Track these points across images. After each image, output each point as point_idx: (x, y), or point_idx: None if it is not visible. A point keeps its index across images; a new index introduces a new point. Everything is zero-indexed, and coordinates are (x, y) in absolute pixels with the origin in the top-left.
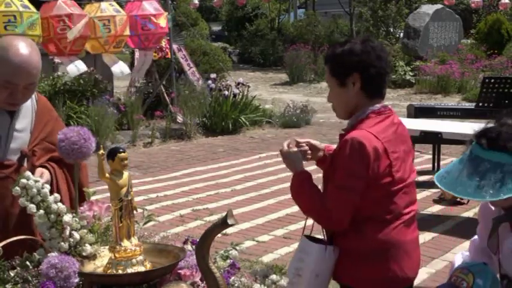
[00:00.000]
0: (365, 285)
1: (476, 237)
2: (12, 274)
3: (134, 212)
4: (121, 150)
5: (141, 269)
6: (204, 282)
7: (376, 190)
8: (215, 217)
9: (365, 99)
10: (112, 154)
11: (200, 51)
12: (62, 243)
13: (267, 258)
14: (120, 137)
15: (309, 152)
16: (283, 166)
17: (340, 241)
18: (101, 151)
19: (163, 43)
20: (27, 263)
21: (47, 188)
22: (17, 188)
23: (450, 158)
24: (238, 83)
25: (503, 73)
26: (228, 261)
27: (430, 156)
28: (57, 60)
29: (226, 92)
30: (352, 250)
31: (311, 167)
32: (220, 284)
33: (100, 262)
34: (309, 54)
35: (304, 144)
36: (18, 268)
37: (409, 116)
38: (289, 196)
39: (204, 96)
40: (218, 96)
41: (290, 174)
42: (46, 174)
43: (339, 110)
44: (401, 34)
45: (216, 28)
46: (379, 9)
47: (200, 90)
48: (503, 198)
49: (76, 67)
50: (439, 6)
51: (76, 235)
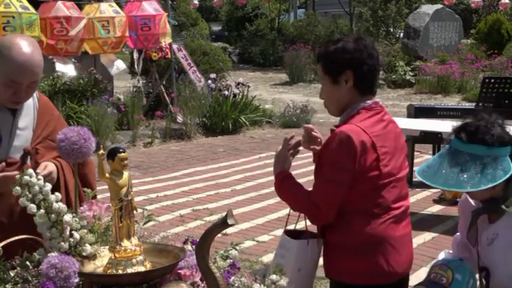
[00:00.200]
0: (351, 279)
1: (458, 234)
2: (12, 274)
3: (134, 212)
4: (121, 150)
5: (141, 269)
6: (204, 282)
7: (363, 183)
8: (215, 217)
9: (357, 96)
10: (112, 154)
11: (200, 51)
12: (62, 243)
13: (267, 258)
14: (120, 137)
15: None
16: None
17: (327, 235)
18: (101, 151)
19: (163, 43)
20: (27, 263)
21: (49, 187)
22: (17, 188)
23: None
24: (238, 83)
25: (503, 73)
26: (228, 261)
27: (430, 156)
28: (55, 60)
29: (226, 92)
30: (338, 244)
31: (306, 169)
32: (220, 284)
33: (100, 262)
34: (309, 54)
35: (316, 132)
36: (18, 268)
37: (409, 116)
38: None
39: (204, 96)
40: (218, 96)
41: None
42: (50, 166)
43: (331, 107)
44: (401, 34)
45: (216, 28)
46: (379, 9)
47: (200, 90)
48: (483, 188)
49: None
50: (439, 6)
51: (76, 235)
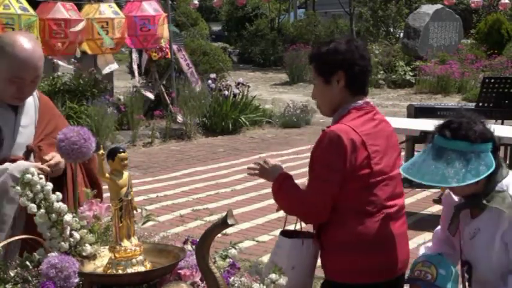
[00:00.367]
0: (344, 277)
1: (439, 227)
2: (12, 274)
3: (134, 212)
4: (121, 150)
5: (141, 269)
6: (204, 282)
7: (355, 181)
8: (215, 217)
9: (348, 96)
10: (112, 154)
11: (200, 51)
12: (62, 243)
13: (267, 258)
14: (120, 137)
15: None
16: (286, 165)
17: (322, 234)
18: (101, 151)
19: (163, 43)
20: (27, 263)
21: (50, 186)
22: (18, 188)
23: None
24: (238, 83)
25: (503, 73)
26: (228, 261)
27: None
28: (56, 60)
29: (226, 92)
30: (332, 242)
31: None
32: (220, 284)
33: (100, 262)
34: (309, 54)
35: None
36: (18, 268)
37: (409, 116)
38: None
39: (204, 96)
40: (218, 96)
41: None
42: (58, 156)
43: (324, 108)
44: (401, 34)
45: (216, 28)
46: (379, 9)
47: (200, 90)
48: (468, 183)
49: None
50: (439, 6)
51: (76, 235)
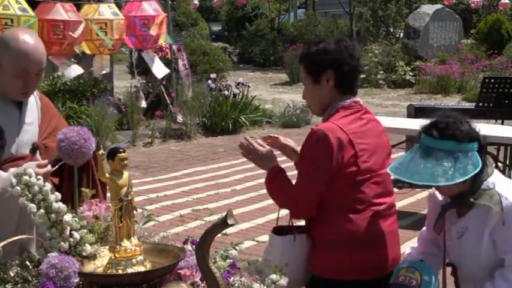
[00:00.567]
0: (332, 274)
1: (424, 228)
2: (12, 274)
3: (134, 212)
4: (121, 150)
5: (141, 269)
6: (204, 282)
7: (341, 179)
8: (215, 217)
9: (338, 95)
10: (112, 154)
11: (200, 51)
12: (62, 243)
13: None
14: (120, 137)
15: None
16: (284, 166)
17: (312, 231)
18: (101, 151)
19: (163, 43)
20: (27, 263)
21: (48, 186)
22: (17, 188)
23: None
24: (238, 83)
25: (503, 73)
26: (228, 261)
27: None
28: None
29: (226, 92)
30: (321, 239)
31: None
32: (220, 284)
33: (100, 262)
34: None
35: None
36: (18, 268)
37: (409, 116)
38: None
39: (204, 96)
40: (218, 96)
41: (291, 174)
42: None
43: (313, 107)
44: (401, 34)
45: (216, 28)
46: (379, 9)
47: (200, 90)
48: (457, 181)
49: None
50: (439, 6)
51: (76, 235)
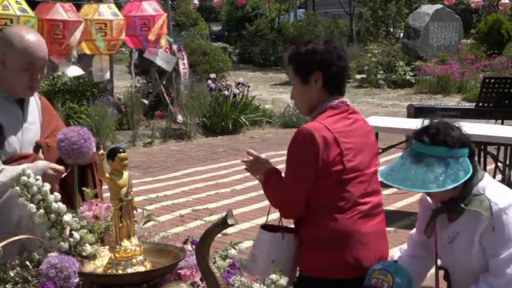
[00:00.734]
0: (318, 272)
1: (414, 231)
2: (12, 274)
3: (134, 212)
4: (121, 150)
5: (141, 269)
6: (204, 282)
7: (327, 178)
8: (215, 217)
9: (326, 96)
10: (112, 154)
11: (200, 51)
12: (62, 243)
13: None
14: (120, 137)
15: None
16: (283, 166)
17: (300, 230)
18: (101, 151)
19: (163, 43)
20: (27, 263)
21: (47, 187)
22: (17, 188)
23: None
24: (238, 83)
25: (503, 73)
26: (228, 261)
27: None
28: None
29: (226, 92)
30: (307, 238)
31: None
32: (220, 284)
33: (100, 262)
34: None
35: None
36: (18, 268)
37: (409, 116)
38: None
39: (204, 96)
40: (218, 96)
41: None
42: None
43: (302, 107)
44: (401, 34)
45: (216, 28)
46: (379, 9)
47: (200, 90)
48: (448, 188)
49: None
50: (439, 6)
51: (76, 235)
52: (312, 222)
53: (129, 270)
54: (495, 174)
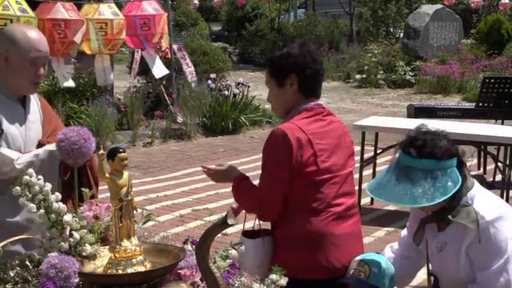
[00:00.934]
0: (291, 273)
1: (405, 231)
2: (12, 274)
3: (134, 212)
4: (121, 150)
5: (141, 269)
6: (204, 282)
7: (301, 179)
8: (215, 217)
9: (301, 98)
10: (112, 154)
11: (200, 51)
12: (62, 243)
13: None
14: (120, 137)
15: None
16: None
17: (274, 231)
18: (101, 151)
19: (163, 43)
20: (27, 263)
21: (49, 187)
22: (17, 188)
23: None
24: (238, 83)
25: (503, 73)
26: (228, 261)
27: None
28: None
29: (226, 92)
30: (281, 239)
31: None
32: (220, 284)
33: (100, 262)
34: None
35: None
36: (18, 268)
37: (409, 116)
38: None
39: (204, 96)
40: (218, 96)
41: None
42: None
43: (278, 110)
44: (401, 34)
45: (216, 28)
46: (379, 9)
47: (200, 90)
48: (437, 202)
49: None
50: (439, 6)
51: (76, 235)
52: (286, 223)
53: (129, 270)
54: (495, 174)
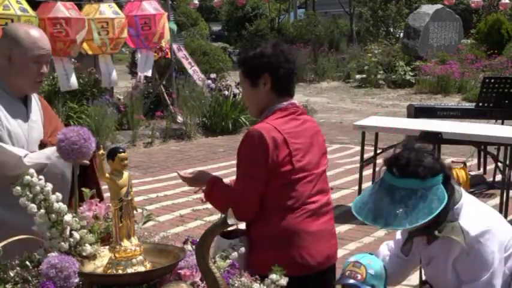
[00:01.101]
0: (265, 270)
1: (399, 234)
2: (12, 274)
3: (134, 212)
4: (121, 150)
5: (141, 269)
6: (204, 282)
7: (277, 178)
8: (215, 217)
9: (275, 98)
10: (112, 154)
11: (200, 51)
12: (62, 243)
13: None
14: (120, 137)
15: None
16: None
17: (250, 230)
18: (101, 151)
19: (163, 43)
20: (27, 263)
21: (50, 187)
22: (18, 188)
23: (450, 158)
24: (238, 83)
25: (503, 73)
26: (228, 261)
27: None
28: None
29: (226, 92)
30: (256, 237)
31: None
32: (220, 284)
33: (100, 262)
34: (309, 54)
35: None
36: (18, 268)
37: (409, 116)
38: None
39: (204, 96)
40: (218, 96)
41: None
42: None
43: (252, 109)
44: (401, 34)
45: (216, 28)
46: (379, 9)
47: (200, 90)
48: (421, 223)
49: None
50: (439, 6)
51: (76, 235)
52: (262, 222)
53: (129, 270)
54: (495, 174)
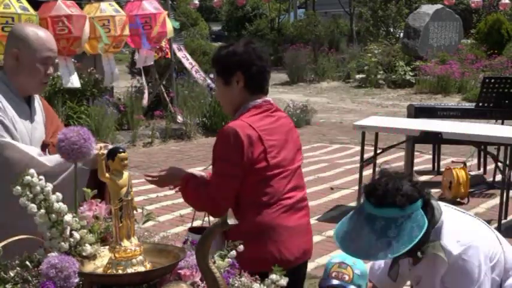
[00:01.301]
0: (244, 266)
1: None
2: (12, 274)
3: (134, 212)
4: (121, 150)
5: (141, 269)
6: (204, 282)
7: (252, 175)
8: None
9: (248, 96)
10: (112, 154)
11: (200, 51)
12: (62, 243)
13: None
14: (120, 137)
15: None
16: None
17: None
18: (101, 151)
19: (163, 43)
20: (27, 263)
21: (50, 187)
22: (18, 188)
23: (450, 158)
24: None
25: (503, 73)
26: (228, 261)
27: (430, 156)
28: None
29: None
30: (233, 234)
31: None
32: (220, 284)
33: (100, 262)
34: (309, 54)
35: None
36: (18, 268)
37: (409, 116)
38: None
39: (204, 96)
40: None
41: None
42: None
43: (226, 107)
44: (401, 34)
45: (216, 28)
46: (379, 9)
47: (200, 90)
48: (402, 252)
49: (71, 83)
50: (439, 6)
51: (76, 235)
52: (238, 218)
53: (129, 270)
54: (495, 174)
